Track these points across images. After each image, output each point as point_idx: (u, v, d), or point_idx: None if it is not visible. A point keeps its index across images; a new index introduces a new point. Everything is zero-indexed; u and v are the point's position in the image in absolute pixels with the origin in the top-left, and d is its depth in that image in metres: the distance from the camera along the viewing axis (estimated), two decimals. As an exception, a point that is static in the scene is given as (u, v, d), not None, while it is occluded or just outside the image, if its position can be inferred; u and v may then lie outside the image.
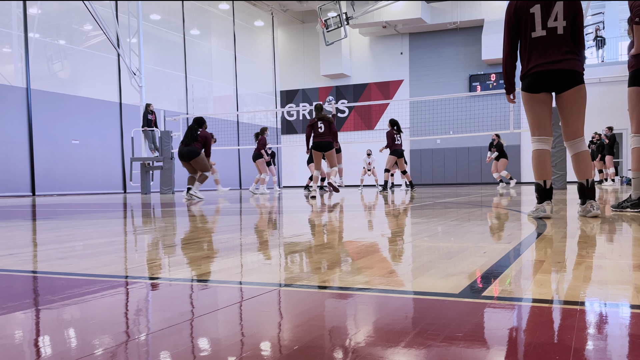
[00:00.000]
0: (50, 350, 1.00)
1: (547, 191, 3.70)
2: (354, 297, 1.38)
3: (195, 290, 1.55)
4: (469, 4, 20.64)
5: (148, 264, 2.01)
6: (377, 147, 22.66)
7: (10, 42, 13.98)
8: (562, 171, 11.37)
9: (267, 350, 0.96)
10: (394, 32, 22.59)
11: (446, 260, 1.92)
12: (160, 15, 18.42)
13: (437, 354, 0.92)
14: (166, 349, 0.98)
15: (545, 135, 3.69)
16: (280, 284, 1.57)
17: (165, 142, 14.38)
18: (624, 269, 1.70)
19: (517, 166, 20.72)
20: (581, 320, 1.14)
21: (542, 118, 3.69)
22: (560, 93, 3.66)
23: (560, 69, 3.58)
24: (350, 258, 2.06)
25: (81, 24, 15.79)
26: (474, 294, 1.37)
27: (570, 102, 3.64)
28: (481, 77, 21.17)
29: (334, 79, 23.87)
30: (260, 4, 22.39)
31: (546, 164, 3.71)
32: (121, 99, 16.32)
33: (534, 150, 3.76)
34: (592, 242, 2.39)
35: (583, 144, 3.75)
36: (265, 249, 2.39)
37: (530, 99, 3.70)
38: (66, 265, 2.01)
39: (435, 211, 4.91)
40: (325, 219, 4.27)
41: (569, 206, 5.18)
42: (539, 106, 3.69)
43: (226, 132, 19.96)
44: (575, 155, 3.71)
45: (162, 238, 2.96)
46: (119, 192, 16.14)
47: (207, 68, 20.44)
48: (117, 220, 4.73)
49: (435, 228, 3.25)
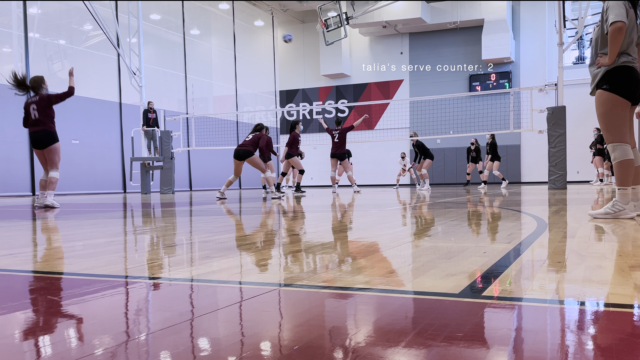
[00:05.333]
0: (50, 350, 0.99)
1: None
2: (354, 297, 1.37)
3: (195, 290, 1.55)
4: (469, 4, 20.63)
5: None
6: (377, 147, 22.69)
7: (10, 42, 13.98)
8: (562, 171, 11.37)
9: (267, 350, 0.96)
10: (394, 32, 22.58)
11: (446, 260, 1.92)
12: (160, 15, 18.41)
13: (437, 354, 0.92)
14: (166, 349, 0.98)
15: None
16: (280, 283, 1.57)
17: (165, 142, 14.38)
18: (624, 269, 1.70)
19: (517, 166, 20.71)
20: (581, 320, 1.14)
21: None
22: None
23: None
24: (351, 258, 2.06)
25: (81, 24, 15.78)
26: (474, 294, 1.37)
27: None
28: (481, 77, 21.16)
29: (334, 78, 23.86)
30: (260, 4, 22.39)
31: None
32: (121, 98, 16.32)
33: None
34: (592, 242, 2.39)
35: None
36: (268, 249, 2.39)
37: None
38: (66, 265, 2.01)
39: (435, 211, 4.91)
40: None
41: (569, 206, 5.18)
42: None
43: (226, 132, 19.96)
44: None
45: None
46: (119, 192, 16.14)
47: (207, 68, 20.44)
48: (119, 220, 4.73)
49: (435, 228, 3.25)
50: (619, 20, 3.51)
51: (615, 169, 3.70)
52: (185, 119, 17.54)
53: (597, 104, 3.73)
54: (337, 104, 22.68)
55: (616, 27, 3.52)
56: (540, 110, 11.99)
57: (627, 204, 3.65)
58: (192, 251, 2.40)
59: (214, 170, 19.72)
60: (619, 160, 3.64)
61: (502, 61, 20.67)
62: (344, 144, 11.78)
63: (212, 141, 18.62)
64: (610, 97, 3.63)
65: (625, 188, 3.64)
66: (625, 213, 3.62)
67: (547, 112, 11.58)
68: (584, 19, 13.31)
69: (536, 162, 19.91)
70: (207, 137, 18.35)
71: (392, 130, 22.12)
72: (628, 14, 3.60)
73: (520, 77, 20.86)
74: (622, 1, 3.59)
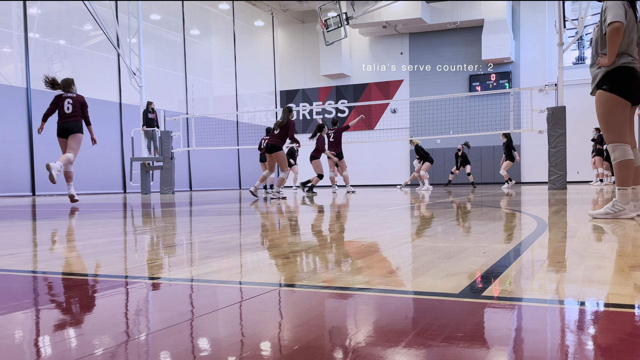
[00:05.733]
0: (50, 350, 0.99)
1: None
2: (354, 297, 1.38)
3: (195, 290, 1.55)
4: (469, 4, 20.63)
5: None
6: (377, 147, 22.69)
7: (10, 42, 13.97)
8: (562, 171, 11.38)
9: (267, 350, 0.96)
10: (394, 32, 22.58)
11: (446, 260, 1.92)
12: (160, 15, 18.41)
13: (437, 354, 0.92)
14: (166, 349, 0.98)
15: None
16: (280, 283, 1.57)
17: (165, 142, 14.38)
18: (624, 269, 1.70)
19: (517, 166, 20.71)
20: (581, 320, 1.14)
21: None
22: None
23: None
24: (350, 258, 2.06)
25: (81, 24, 15.78)
26: (474, 294, 1.37)
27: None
28: (481, 77, 21.16)
29: (334, 79, 23.86)
30: (260, 4, 22.39)
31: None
32: (121, 99, 16.31)
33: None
34: (592, 242, 2.39)
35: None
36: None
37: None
38: (66, 265, 2.01)
39: (435, 211, 4.91)
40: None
41: (569, 206, 5.18)
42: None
43: (226, 132, 19.96)
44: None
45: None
46: (119, 192, 16.14)
47: (207, 68, 20.43)
48: (119, 220, 4.73)
49: (435, 228, 3.25)
50: (617, 20, 3.52)
51: (615, 169, 3.70)
52: (185, 119, 17.53)
53: (597, 104, 3.73)
54: (337, 104, 22.68)
55: (614, 27, 3.52)
56: (540, 110, 12.00)
57: (627, 204, 3.65)
58: (192, 251, 2.40)
59: (214, 170, 19.72)
60: (619, 160, 3.64)
61: (502, 61, 20.67)
62: (340, 144, 11.81)
63: (212, 141, 18.62)
64: (610, 98, 3.63)
65: (625, 188, 3.64)
66: (625, 213, 3.62)
67: (547, 112, 11.59)
68: (584, 19, 13.32)
69: (536, 162, 19.91)
70: (207, 137, 18.36)
71: (392, 130, 22.13)
72: (627, 13, 3.60)
73: (520, 77, 20.86)
74: (621, 1, 3.59)
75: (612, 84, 3.63)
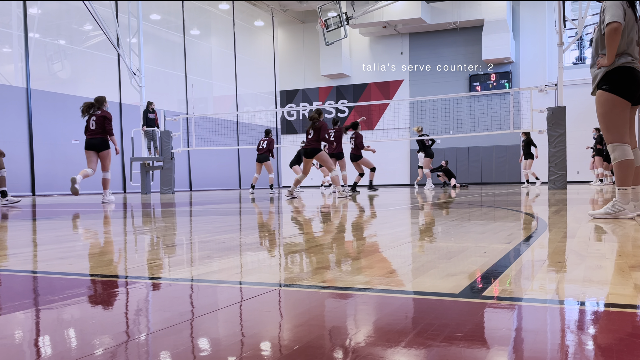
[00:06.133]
0: (50, 350, 0.99)
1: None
2: (354, 297, 1.37)
3: (195, 290, 1.55)
4: (469, 4, 20.63)
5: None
6: (377, 147, 22.66)
7: (10, 42, 13.97)
8: (562, 171, 11.38)
9: (267, 350, 0.96)
10: (394, 32, 22.58)
11: (446, 260, 1.92)
12: (160, 15, 18.41)
13: (437, 354, 0.92)
14: (166, 349, 0.98)
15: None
16: (280, 283, 1.57)
17: (165, 142, 14.37)
18: (624, 269, 1.70)
19: (517, 166, 20.70)
20: (581, 320, 1.14)
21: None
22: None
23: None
24: (350, 258, 2.06)
25: (81, 24, 15.77)
26: (474, 294, 1.37)
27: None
28: (481, 77, 21.16)
29: (334, 79, 23.86)
30: (260, 4, 22.39)
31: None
32: (121, 99, 16.31)
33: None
34: (592, 242, 2.39)
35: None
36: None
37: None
38: (66, 265, 2.01)
39: (435, 211, 4.91)
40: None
41: (569, 206, 5.18)
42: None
43: (226, 132, 19.96)
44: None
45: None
46: (119, 192, 16.14)
47: (207, 68, 20.43)
48: (119, 220, 4.73)
49: (435, 228, 3.25)
50: (615, 20, 3.52)
51: (615, 169, 3.70)
52: (185, 119, 17.54)
53: (597, 104, 3.73)
54: (337, 104, 22.68)
55: (612, 27, 3.52)
56: (540, 110, 12.00)
57: (627, 204, 3.65)
58: (192, 251, 2.40)
59: (214, 170, 19.72)
60: (619, 160, 3.64)
61: (502, 61, 20.67)
62: (340, 144, 11.86)
63: (212, 141, 18.63)
64: (610, 98, 3.63)
65: (625, 188, 3.64)
66: (625, 213, 3.62)
67: (547, 112, 11.59)
68: (584, 19, 13.31)
69: (536, 162, 19.90)
70: (207, 137, 18.36)
71: (392, 130, 22.12)
72: (626, 13, 3.60)
73: (520, 77, 20.86)
74: (620, 1, 3.59)
75: (612, 84, 3.63)
